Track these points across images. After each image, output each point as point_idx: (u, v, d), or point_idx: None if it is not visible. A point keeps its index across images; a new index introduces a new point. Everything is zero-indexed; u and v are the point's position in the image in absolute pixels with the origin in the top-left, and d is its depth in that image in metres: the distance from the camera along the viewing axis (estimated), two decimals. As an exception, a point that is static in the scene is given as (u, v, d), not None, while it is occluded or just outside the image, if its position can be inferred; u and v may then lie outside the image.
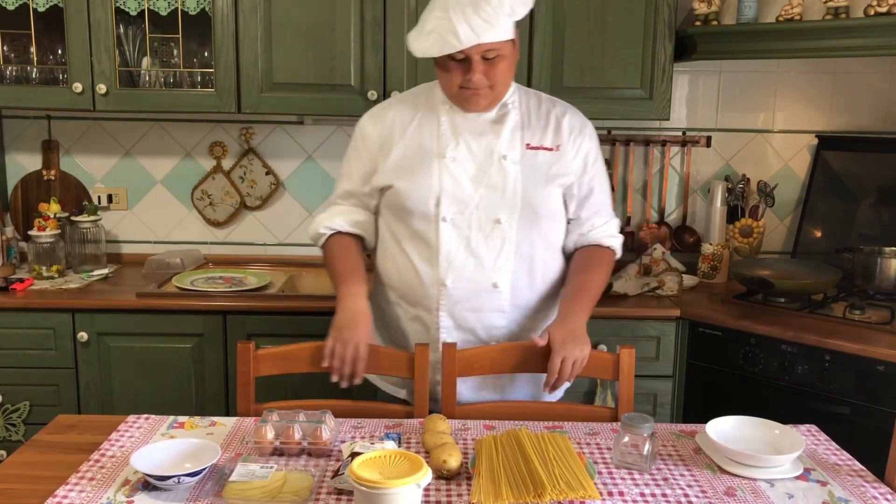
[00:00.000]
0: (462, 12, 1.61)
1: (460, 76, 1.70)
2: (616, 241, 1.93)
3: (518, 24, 1.73)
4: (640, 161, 2.99)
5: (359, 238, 1.93)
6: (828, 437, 1.62)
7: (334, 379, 1.72)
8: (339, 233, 1.92)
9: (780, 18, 2.40)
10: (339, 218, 1.91)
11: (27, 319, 2.45)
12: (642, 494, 1.36)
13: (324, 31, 2.54)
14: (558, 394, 1.94)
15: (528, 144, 1.80)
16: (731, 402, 2.38)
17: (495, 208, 1.78)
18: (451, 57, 1.69)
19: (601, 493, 1.35)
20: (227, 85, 2.57)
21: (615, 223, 1.94)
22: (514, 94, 1.84)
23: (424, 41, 1.68)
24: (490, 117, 1.81)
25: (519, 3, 1.67)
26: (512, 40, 1.72)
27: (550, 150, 1.82)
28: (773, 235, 3.01)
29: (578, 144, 1.85)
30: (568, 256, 1.93)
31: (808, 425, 1.67)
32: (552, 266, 1.87)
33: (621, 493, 1.36)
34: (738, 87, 2.95)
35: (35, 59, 2.64)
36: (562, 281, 1.90)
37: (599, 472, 1.43)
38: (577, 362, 1.69)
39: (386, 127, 1.85)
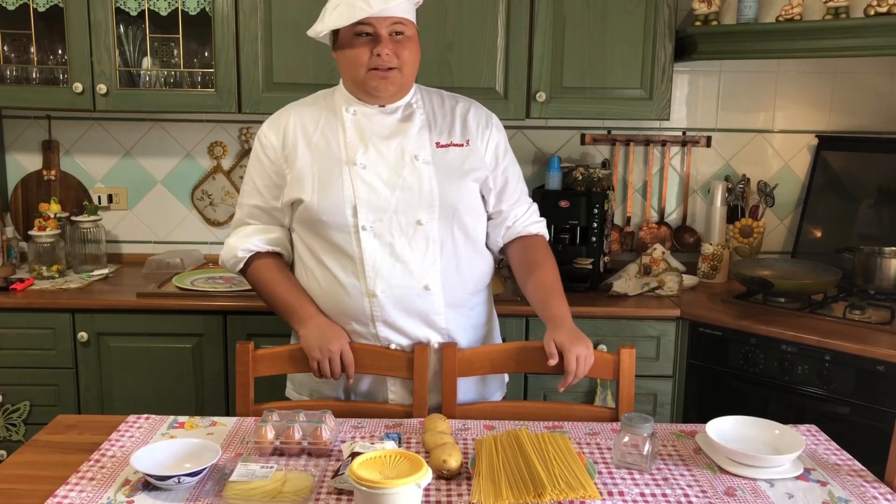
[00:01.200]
0: None
1: (368, 53, 1.67)
2: (542, 227, 1.94)
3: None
4: (640, 161, 2.99)
5: (279, 256, 1.87)
6: (828, 437, 1.62)
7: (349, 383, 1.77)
8: (258, 254, 1.84)
9: (780, 18, 2.40)
10: (255, 238, 1.83)
11: (27, 319, 2.44)
12: (642, 494, 1.36)
13: (324, 31, 2.54)
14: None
15: (437, 143, 1.78)
16: (731, 402, 2.38)
17: (414, 210, 1.74)
18: (358, 34, 1.67)
19: (601, 493, 1.35)
20: (227, 85, 2.57)
21: (535, 208, 1.94)
22: (416, 94, 1.82)
23: (331, 16, 1.67)
24: (396, 118, 1.78)
25: None
26: (415, 28, 1.73)
27: (461, 145, 1.80)
28: (773, 235, 3.01)
29: (487, 138, 1.84)
30: (498, 252, 1.93)
31: (808, 425, 1.67)
32: (478, 261, 1.86)
33: (621, 493, 1.36)
34: (738, 87, 2.95)
35: (35, 59, 2.64)
36: (487, 274, 1.90)
37: (599, 472, 1.43)
38: (588, 358, 1.68)
39: (289, 134, 1.78)
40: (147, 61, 2.67)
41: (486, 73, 2.57)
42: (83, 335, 2.44)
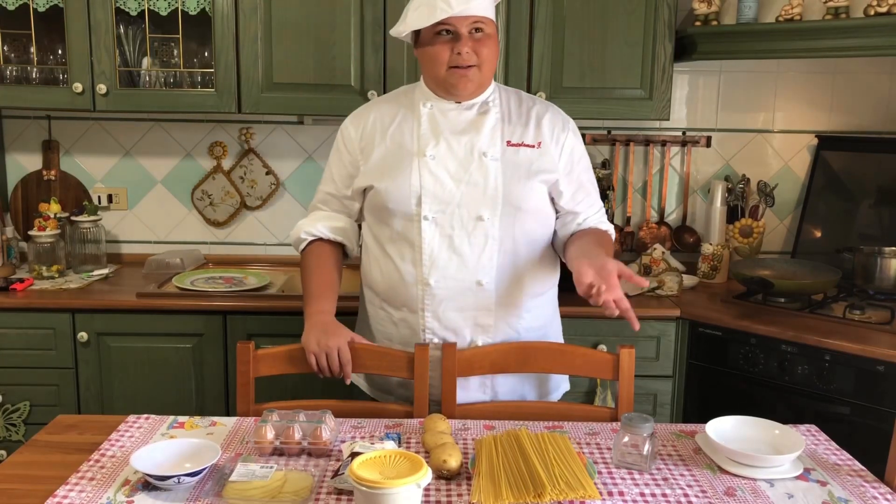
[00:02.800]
0: None
1: (449, 52, 1.71)
2: (611, 227, 1.94)
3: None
4: (640, 161, 2.99)
5: (339, 246, 1.92)
6: (828, 437, 1.62)
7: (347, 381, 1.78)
8: (321, 240, 1.91)
9: (780, 18, 2.40)
10: (320, 224, 1.90)
11: (27, 319, 2.44)
12: (642, 494, 1.36)
13: (324, 31, 2.54)
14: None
15: (508, 141, 1.80)
16: (731, 402, 2.38)
17: (477, 205, 1.77)
18: (439, 33, 1.70)
19: (601, 493, 1.35)
20: (227, 85, 2.57)
21: (604, 213, 1.96)
22: (494, 92, 1.85)
23: (412, 16, 1.70)
24: (471, 115, 1.81)
25: None
26: (495, 26, 1.75)
27: (532, 146, 1.82)
28: (773, 235, 3.01)
29: (562, 142, 1.85)
30: (560, 249, 1.92)
31: (808, 425, 1.67)
32: (537, 263, 1.87)
33: (621, 493, 1.36)
34: (738, 87, 2.95)
35: (35, 59, 2.64)
36: (549, 278, 1.91)
37: (599, 472, 1.43)
38: (622, 271, 1.62)
39: (367, 128, 1.85)
40: (147, 61, 2.67)
41: (486, 73, 2.57)
42: (83, 335, 2.44)
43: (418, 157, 1.78)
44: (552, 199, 1.86)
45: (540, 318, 1.90)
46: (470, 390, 1.85)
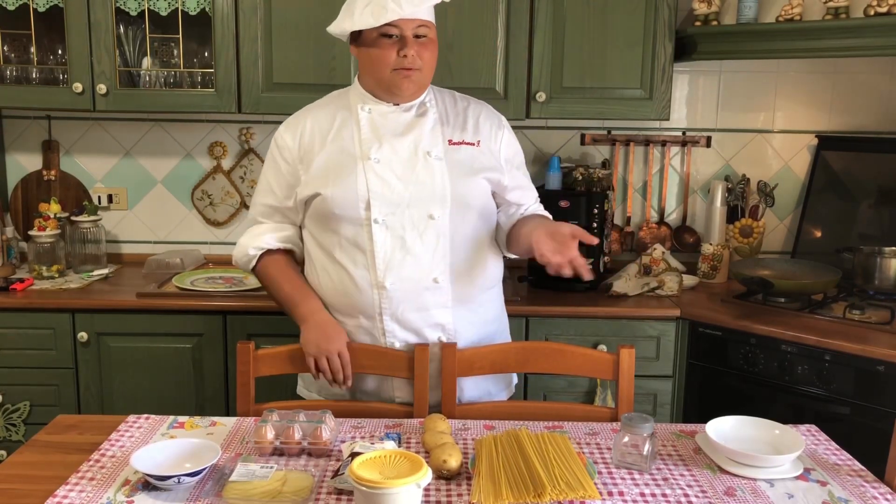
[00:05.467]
0: None
1: (394, 54, 1.71)
2: (548, 214, 1.97)
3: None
4: (640, 161, 2.99)
5: (290, 252, 1.91)
6: (828, 437, 1.62)
7: (331, 386, 1.77)
8: (269, 251, 1.87)
9: (780, 18, 2.40)
10: (266, 236, 1.87)
11: (27, 319, 2.45)
12: (642, 494, 1.36)
13: (324, 31, 2.52)
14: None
15: (450, 140, 1.81)
16: (731, 402, 2.38)
17: (427, 204, 1.77)
18: (384, 34, 1.70)
19: (601, 493, 1.35)
20: (227, 85, 2.57)
21: (539, 201, 2.00)
22: (429, 94, 1.86)
23: (360, 15, 1.69)
24: (409, 117, 1.81)
25: None
26: (435, 28, 1.77)
27: (472, 144, 1.83)
28: (773, 235, 3.01)
29: (500, 139, 1.88)
30: (504, 241, 1.93)
31: (808, 425, 1.67)
32: (488, 258, 1.88)
33: (621, 493, 1.36)
34: (738, 87, 2.95)
35: (35, 59, 2.64)
36: (496, 271, 1.92)
37: (599, 472, 1.43)
38: (574, 229, 1.64)
39: (305, 136, 1.82)
40: (147, 61, 2.67)
41: (486, 73, 2.57)
42: (83, 335, 2.44)
43: (362, 160, 1.76)
44: (493, 194, 1.88)
45: (492, 311, 1.92)
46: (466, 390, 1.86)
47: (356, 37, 1.76)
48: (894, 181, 2.70)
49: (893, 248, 2.52)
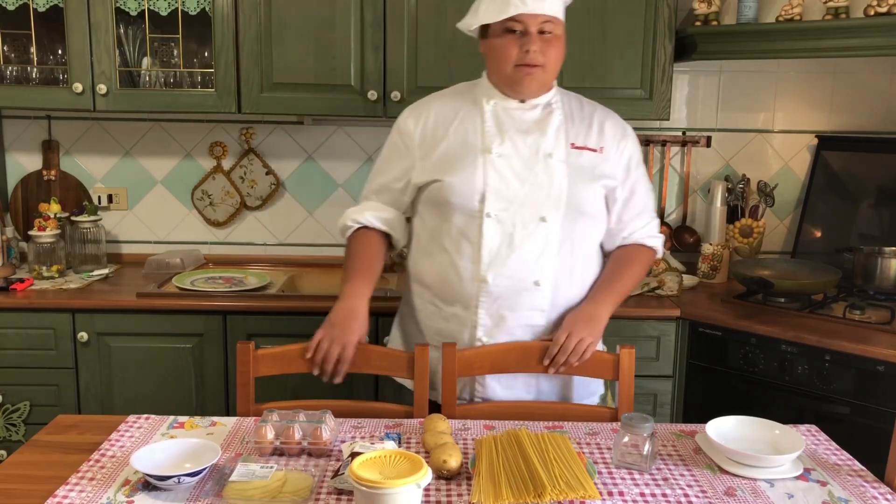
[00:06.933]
0: None
1: (517, 49, 1.71)
2: (657, 241, 1.95)
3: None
4: (640, 161, 2.99)
5: (385, 235, 1.93)
6: (828, 437, 1.62)
7: (315, 373, 1.74)
8: (367, 228, 1.91)
9: (780, 18, 2.40)
10: (368, 213, 1.90)
11: (27, 319, 2.44)
12: (642, 494, 1.36)
13: (324, 31, 2.54)
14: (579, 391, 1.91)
15: (572, 144, 1.81)
16: (731, 402, 2.38)
17: (540, 206, 1.77)
18: (509, 30, 1.71)
19: (601, 493, 1.35)
20: (227, 85, 2.57)
21: (656, 223, 1.96)
22: (556, 95, 1.85)
23: (485, 10, 1.71)
24: (535, 116, 1.81)
25: None
26: (563, 26, 1.76)
27: (595, 150, 1.82)
28: (773, 235, 3.01)
29: (622, 149, 1.86)
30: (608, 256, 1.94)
31: (808, 425, 1.67)
32: (592, 266, 1.87)
33: (621, 493, 1.36)
34: (738, 87, 2.95)
35: (35, 59, 2.64)
36: None
37: (599, 472, 1.43)
38: (582, 342, 1.71)
39: (429, 123, 1.85)
40: (147, 61, 2.67)
41: (486, 73, 2.57)
42: (83, 335, 2.44)
43: (484, 154, 1.78)
44: (608, 206, 1.87)
45: None
46: (515, 389, 1.87)
47: (484, 31, 1.78)
48: (894, 181, 2.70)
49: (893, 248, 2.52)
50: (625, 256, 1.90)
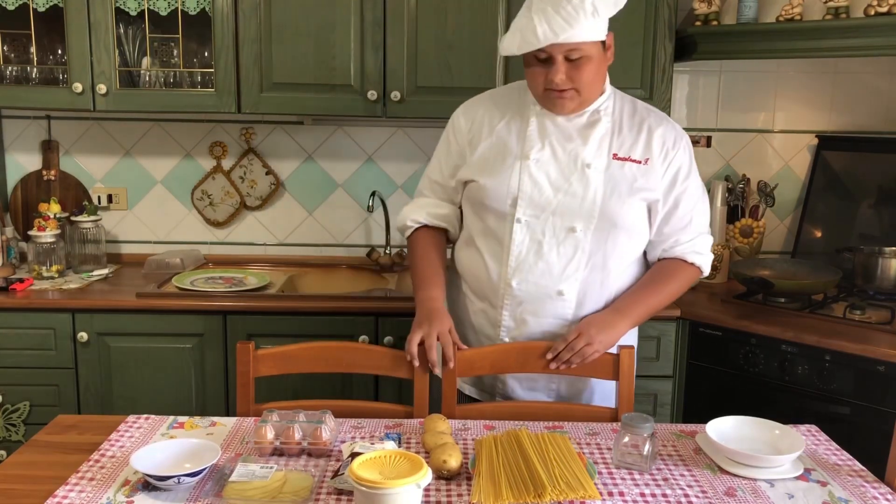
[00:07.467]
0: (543, 11, 1.64)
1: (543, 76, 1.70)
2: (702, 259, 1.87)
3: (610, 26, 1.71)
4: (640, 161, 2.98)
5: (443, 231, 1.95)
6: (828, 437, 1.62)
7: (431, 371, 1.73)
8: (425, 226, 1.94)
9: (780, 18, 2.40)
10: (424, 211, 1.94)
11: (27, 319, 2.44)
12: (642, 494, 1.36)
13: (324, 31, 2.54)
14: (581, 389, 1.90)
15: (615, 154, 1.77)
16: (731, 402, 2.38)
17: (572, 216, 1.76)
18: (535, 57, 1.69)
19: (601, 493, 1.35)
20: (227, 85, 2.57)
21: (704, 240, 1.87)
22: (608, 100, 1.82)
23: (509, 39, 1.71)
24: (580, 123, 1.79)
25: (602, 2, 1.66)
26: (602, 42, 1.71)
27: (638, 162, 1.78)
28: (773, 235, 3.01)
29: (669, 160, 1.80)
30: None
31: (808, 425, 1.67)
32: (626, 280, 1.84)
33: (621, 493, 1.36)
34: (738, 87, 2.95)
35: (35, 59, 2.64)
36: None
37: (599, 472, 1.43)
38: (589, 346, 1.70)
39: (476, 121, 1.86)
40: (147, 61, 2.67)
41: (486, 73, 2.57)
42: (83, 335, 2.44)
43: (521, 159, 1.78)
44: (649, 218, 1.83)
45: None
46: (537, 392, 1.88)
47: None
48: (894, 181, 2.70)
49: (893, 248, 2.52)
50: (662, 270, 1.86)
